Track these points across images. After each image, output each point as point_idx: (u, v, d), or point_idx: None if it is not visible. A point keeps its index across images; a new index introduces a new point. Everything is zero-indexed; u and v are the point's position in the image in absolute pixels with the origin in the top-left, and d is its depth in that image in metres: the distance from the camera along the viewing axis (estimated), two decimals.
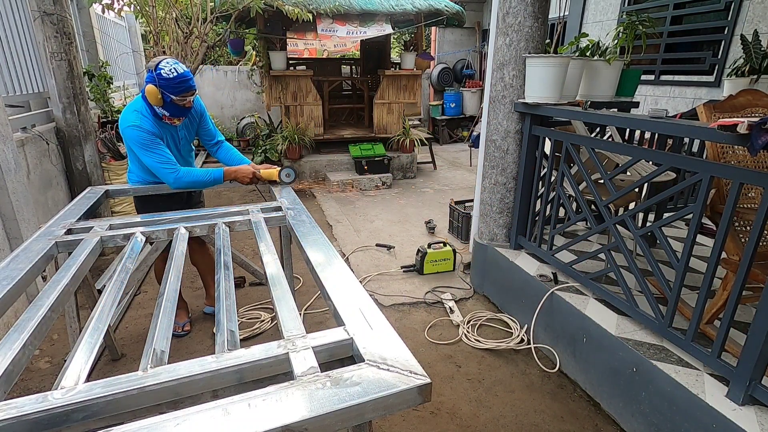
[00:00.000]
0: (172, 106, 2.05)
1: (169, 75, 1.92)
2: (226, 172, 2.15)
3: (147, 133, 2.03)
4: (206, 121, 2.37)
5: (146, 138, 2.02)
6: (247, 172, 2.18)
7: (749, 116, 1.86)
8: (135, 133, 2.02)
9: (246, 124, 8.19)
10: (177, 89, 1.96)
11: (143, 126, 2.03)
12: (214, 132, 2.42)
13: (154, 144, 2.04)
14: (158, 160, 2.06)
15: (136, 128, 2.02)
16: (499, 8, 2.61)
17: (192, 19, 4.28)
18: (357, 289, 1.18)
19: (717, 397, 1.59)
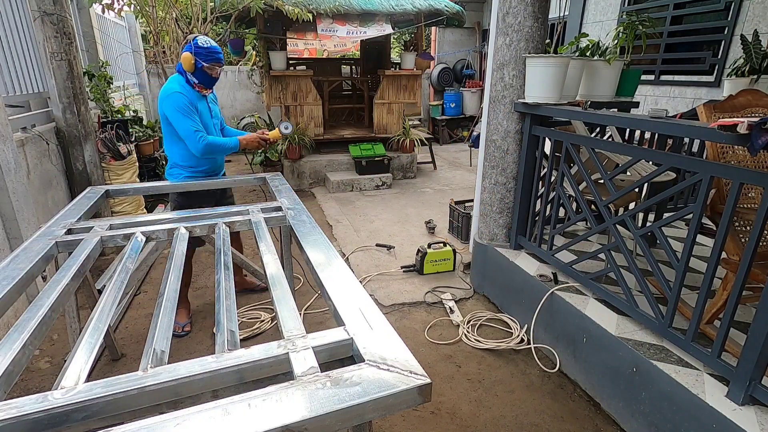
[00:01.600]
0: (201, 74, 2.34)
1: (204, 45, 2.28)
2: (240, 141, 2.49)
3: (187, 99, 2.31)
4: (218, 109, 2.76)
5: (186, 104, 2.30)
6: (253, 137, 2.55)
7: (749, 116, 1.86)
8: (178, 98, 2.29)
9: (246, 124, 8.19)
10: (208, 57, 2.27)
11: (184, 92, 2.32)
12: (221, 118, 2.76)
13: (191, 111, 2.32)
14: (192, 125, 2.32)
15: (178, 94, 2.30)
16: (499, 8, 2.61)
17: (192, 19, 4.28)
18: (357, 289, 1.18)
19: (717, 397, 1.59)
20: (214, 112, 2.52)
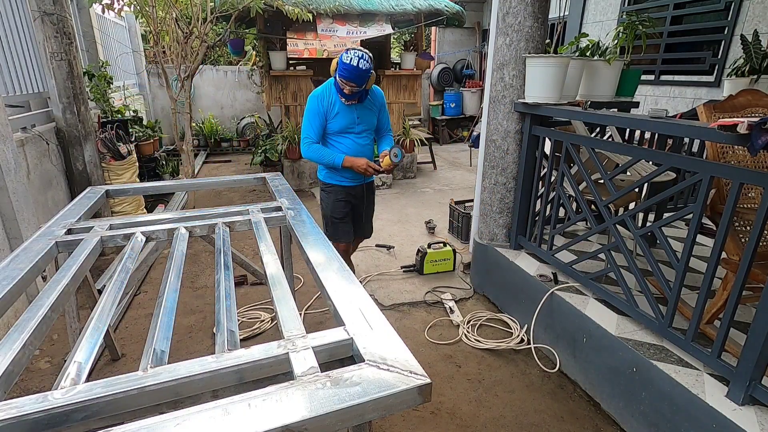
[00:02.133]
0: (336, 83, 2.36)
1: (346, 60, 2.21)
2: (345, 160, 2.41)
3: (315, 104, 2.39)
4: (383, 115, 2.61)
5: (312, 107, 2.40)
6: (361, 162, 2.41)
7: (749, 116, 1.86)
8: (310, 100, 2.42)
9: (246, 124, 8.19)
10: (343, 73, 2.24)
11: (319, 97, 2.39)
12: (385, 126, 2.65)
13: (313, 115, 2.40)
14: (306, 129, 2.42)
15: (313, 97, 2.41)
16: (499, 8, 2.61)
17: (192, 19, 4.27)
18: (357, 289, 1.18)
19: (717, 397, 1.59)
20: (362, 117, 2.45)
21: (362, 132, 2.48)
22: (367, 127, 2.50)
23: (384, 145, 2.59)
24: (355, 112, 2.42)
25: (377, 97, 2.53)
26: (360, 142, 2.49)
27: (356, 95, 2.33)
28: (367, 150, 2.54)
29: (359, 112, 2.44)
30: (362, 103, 2.42)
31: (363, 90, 2.32)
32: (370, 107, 2.49)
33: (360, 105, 2.42)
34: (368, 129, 2.51)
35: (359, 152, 2.48)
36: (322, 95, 2.38)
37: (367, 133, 2.51)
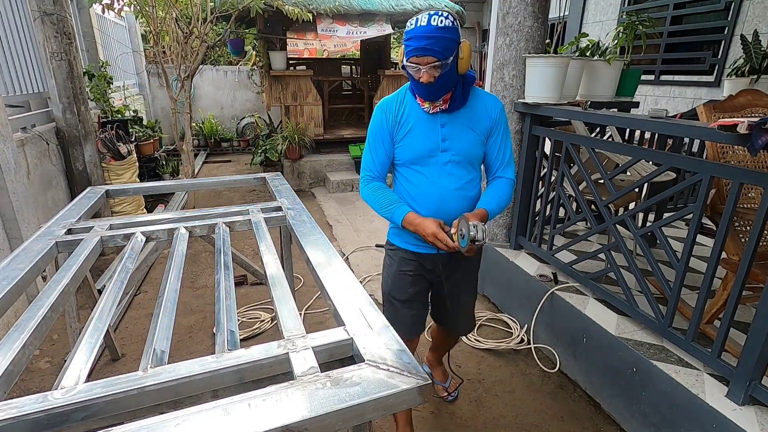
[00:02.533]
0: (410, 77, 1.42)
1: (409, 25, 1.33)
2: (407, 218, 1.48)
3: (378, 119, 1.55)
4: (496, 137, 1.53)
5: (374, 125, 1.57)
6: (430, 229, 1.43)
7: (749, 116, 1.86)
8: (374, 114, 1.58)
9: (246, 124, 8.20)
10: (407, 46, 1.35)
11: (384, 107, 1.55)
12: (499, 160, 1.56)
13: (373, 136, 1.57)
14: (365, 156, 1.61)
15: (377, 109, 1.57)
16: (499, 8, 2.61)
17: (192, 19, 4.27)
18: (357, 289, 1.18)
19: (717, 397, 1.59)
20: (452, 136, 1.47)
21: (450, 162, 1.49)
22: (457, 154, 1.48)
23: (484, 201, 1.54)
24: (441, 127, 1.46)
25: (486, 107, 1.50)
26: (445, 183, 1.49)
27: (440, 90, 1.38)
28: (458, 197, 1.52)
29: (449, 129, 1.46)
30: (456, 112, 1.46)
31: (452, 79, 1.37)
32: (468, 121, 1.48)
33: (452, 115, 1.46)
34: (462, 159, 1.49)
35: (443, 200, 1.51)
36: (389, 104, 1.54)
37: (459, 165, 1.49)
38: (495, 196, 1.53)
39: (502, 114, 1.53)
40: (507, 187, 1.56)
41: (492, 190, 1.55)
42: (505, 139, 1.55)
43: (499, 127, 1.52)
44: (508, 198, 1.56)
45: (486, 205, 1.50)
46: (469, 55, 1.37)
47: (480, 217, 1.44)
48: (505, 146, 1.55)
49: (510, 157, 1.57)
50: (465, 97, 1.47)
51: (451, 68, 1.34)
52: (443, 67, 1.33)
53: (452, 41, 1.32)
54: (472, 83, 1.47)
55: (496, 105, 1.52)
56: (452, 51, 1.32)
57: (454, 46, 1.33)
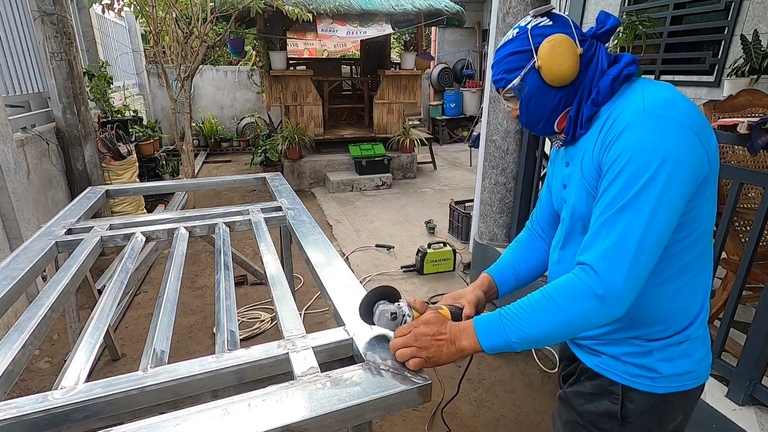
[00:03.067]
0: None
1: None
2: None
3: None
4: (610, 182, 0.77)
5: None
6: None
7: (749, 116, 1.86)
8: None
9: (246, 124, 8.20)
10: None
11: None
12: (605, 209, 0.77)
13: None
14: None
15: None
16: (499, 8, 2.61)
17: (192, 19, 4.27)
18: (357, 289, 1.18)
19: (717, 397, 1.59)
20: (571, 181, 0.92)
21: (564, 223, 0.97)
22: (569, 211, 0.93)
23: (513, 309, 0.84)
24: (566, 166, 0.95)
25: (603, 128, 0.82)
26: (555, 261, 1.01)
27: (535, 121, 0.93)
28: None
29: (571, 170, 0.93)
30: (577, 143, 0.91)
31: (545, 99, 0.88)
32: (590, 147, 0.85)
33: (575, 148, 0.91)
34: (575, 221, 0.92)
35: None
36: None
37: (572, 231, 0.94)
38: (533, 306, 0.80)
39: (629, 137, 0.75)
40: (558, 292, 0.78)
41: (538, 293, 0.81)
42: (630, 182, 0.73)
43: (610, 158, 0.77)
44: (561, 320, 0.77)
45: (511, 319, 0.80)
46: (561, 50, 0.83)
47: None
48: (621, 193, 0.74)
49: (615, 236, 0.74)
50: (588, 119, 0.86)
51: (530, 86, 0.88)
52: (516, 92, 0.90)
53: (513, 55, 0.88)
54: (610, 88, 0.83)
55: (620, 124, 0.77)
56: (517, 66, 0.88)
57: (520, 59, 0.88)
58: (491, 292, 1.07)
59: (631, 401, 0.90)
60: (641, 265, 0.73)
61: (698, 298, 0.88)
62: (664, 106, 0.75)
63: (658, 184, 0.71)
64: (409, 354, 0.84)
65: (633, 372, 0.89)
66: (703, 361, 0.91)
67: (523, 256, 1.12)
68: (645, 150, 0.72)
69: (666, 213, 0.72)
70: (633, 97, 0.81)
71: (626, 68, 0.84)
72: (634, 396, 0.90)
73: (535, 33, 0.87)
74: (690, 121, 0.73)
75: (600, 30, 0.89)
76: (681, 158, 0.71)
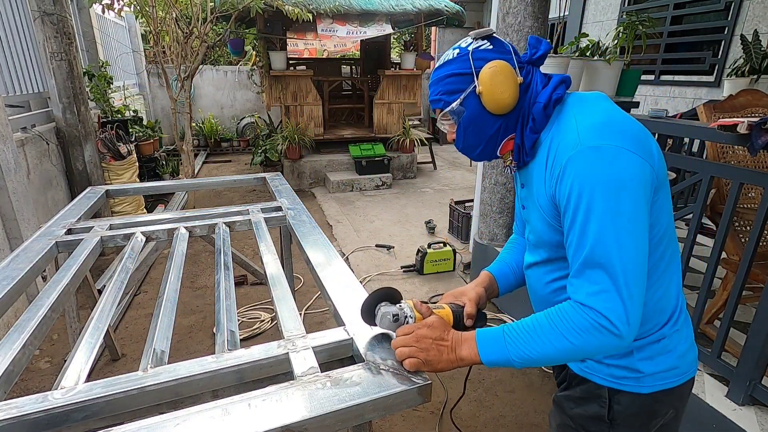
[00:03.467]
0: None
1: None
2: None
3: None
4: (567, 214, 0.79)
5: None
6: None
7: (749, 116, 1.86)
8: None
9: (246, 124, 8.20)
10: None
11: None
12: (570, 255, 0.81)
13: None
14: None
15: None
16: (499, 8, 2.61)
17: (192, 19, 4.28)
18: (357, 289, 1.18)
19: (717, 397, 1.59)
20: (528, 205, 0.95)
21: (530, 243, 1.01)
22: (532, 232, 0.96)
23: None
24: (521, 188, 0.98)
25: (548, 157, 0.84)
26: (530, 275, 1.04)
27: (472, 147, 0.94)
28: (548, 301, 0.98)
29: (527, 192, 0.95)
30: (528, 167, 0.92)
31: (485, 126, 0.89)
32: (538, 175, 0.87)
33: (528, 171, 0.92)
34: (536, 240, 0.95)
35: (534, 301, 1.07)
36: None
37: (538, 250, 0.97)
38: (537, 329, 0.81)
39: (572, 173, 0.76)
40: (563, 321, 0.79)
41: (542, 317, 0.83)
42: (577, 218, 0.77)
43: (562, 196, 0.79)
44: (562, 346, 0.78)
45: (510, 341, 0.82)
46: (501, 78, 0.83)
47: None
48: (579, 233, 0.77)
49: (591, 260, 0.76)
50: (531, 147, 0.87)
51: (469, 111, 0.87)
52: (453, 115, 0.89)
53: (453, 77, 0.86)
54: (543, 114, 0.85)
55: (561, 156, 0.79)
56: (457, 89, 0.86)
57: (459, 81, 0.86)
58: (492, 289, 1.09)
59: (618, 403, 0.91)
60: (637, 291, 0.76)
61: (671, 294, 0.89)
62: (597, 134, 0.76)
63: (613, 211, 0.74)
64: (407, 353, 0.85)
65: (617, 374, 0.90)
66: (686, 356, 0.91)
67: (518, 256, 1.14)
68: (590, 185, 0.74)
69: (635, 233, 0.74)
70: (567, 124, 0.82)
71: (554, 92, 0.85)
72: (621, 398, 0.91)
73: (476, 56, 0.85)
74: (626, 143, 0.75)
75: (534, 55, 0.89)
76: (626, 181, 0.73)
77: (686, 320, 0.93)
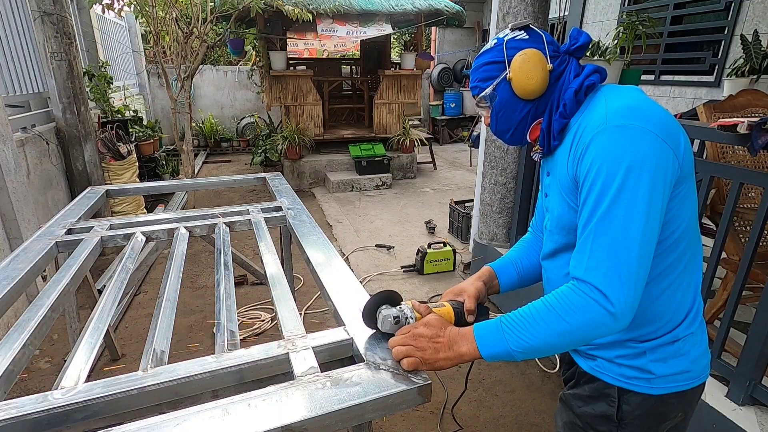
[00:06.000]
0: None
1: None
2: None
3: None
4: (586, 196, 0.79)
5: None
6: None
7: (749, 116, 1.86)
8: None
9: (246, 124, 8.20)
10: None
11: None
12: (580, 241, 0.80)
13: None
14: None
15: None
16: (499, 8, 2.61)
17: (192, 19, 4.28)
18: (357, 289, 1.18)
19: (717, 397, 1.59)
20: (552, 191, 0.95)
21: (547, 229, 0.99)
22: (551, 219, 0.96)
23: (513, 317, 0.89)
24: (547, 175, 1.00)
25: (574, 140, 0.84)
26: (546, 265, 1.03)
27: (504, 131, 0.97)
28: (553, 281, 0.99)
29: (551, 180, 0.96)
30: (554, 152, 0.93)
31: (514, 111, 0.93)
32: (563, 158, 0.88)
33: (553, 159, 0.94)
34: (554, 227, 0.95)
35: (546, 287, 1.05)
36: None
37: (555, 236, 0.96)
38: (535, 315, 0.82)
39: (594, 149, 0.77)
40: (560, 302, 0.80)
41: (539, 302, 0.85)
42: (601, 195, 0.76)
43: (582, 172, 0.80)
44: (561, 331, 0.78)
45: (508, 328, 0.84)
46: (531, 65, 0.87)
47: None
48: (595, 207, 0.77)
49: (595, 236, 0.77)
50: (559, 131, 0.89)
51: (501, 96, 0.92)
52: (488, 101, 0.94)
53: (489, 65, 0.92)
54: (574, 99, 0.86)
55: (586, 135, 0.80)
56: (491, 76, 0.92)
57: (494, 69, 0.92)
58: (492, 284, 1.09)
59: (627, 403, 0.91)
60: (638, 272, 0.75)
61: (688, 296, 0.88)
62: (625, 115, 0.77)
63: (629, 190, 0.73)
64: (404, 352, 0.85)
65: (628, 374, 0.90)
66: (699, 360, 0.90)
67: (527, 255, 1.13)
68: (611, 160, 0.75)
69: (646, 215, 0.74)
70: (597, 107, 0.83)
71: (587, 79, 0.87)
72: (630, 398, 0.90)
73: (510, 45, 0.90)
74: (652, 126, 0.75)
75: (573, 46, 0.92)
76: (647, 162, 0.73)
77: (701, 325, 0.91)
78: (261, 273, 2.62)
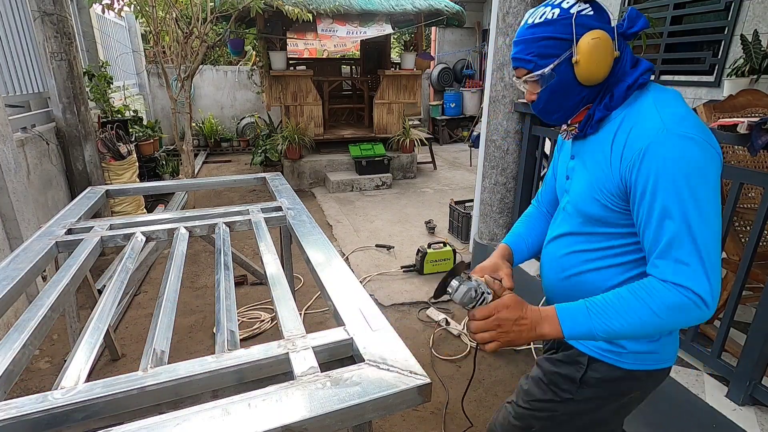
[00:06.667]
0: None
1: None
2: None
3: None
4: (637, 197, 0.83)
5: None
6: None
7: (749, 116, 1.86)
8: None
9: (246, 124, 8.20)
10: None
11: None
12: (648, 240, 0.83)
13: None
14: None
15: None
16: (499, 8, 2.61)
17: (192, 19, 4.27)
18: (357, 289, 1.18)
19: (717, 397, 1.59)
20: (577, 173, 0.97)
21: (564, 210, 1.03)
22: (571, 202, 0.98)
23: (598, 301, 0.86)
24: (571, 158, 1.00)
25: (621, 138, 0.85)
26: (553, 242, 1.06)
27: (552, 111, 0.94)
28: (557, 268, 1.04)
29: (577, 163, 0.98)
30: (587, 139, 0.94)
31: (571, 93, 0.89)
32: (593, 156, 0.92)
33: (585, 143, 0.95)
34: (573, 210, 0.98)
35: (543, 265, 1.11)
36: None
37: (571, 219, 0.99)
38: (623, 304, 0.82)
39: (656, 158, 0.78)
40: (652, 297, 0.80)
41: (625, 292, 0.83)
42: (656, 202, 0.79)
43: (640, 179, 0.80)
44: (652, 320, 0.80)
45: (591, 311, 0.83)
46: (601, 50, 0.82)
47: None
48: (659, 217, 0.79)
49: (677, 241, 0.79)
50: (599, 119, 0.89)
51: (560, 78, 0.86)
52: (542, 79, 0.88)
53: (550, 41, 0.84)
54: (623, 95, 0.86)
55: (640, 140, 0.80)
56: (552, 54, 0.85)
57: (556, 46, 0.84)
58: (510, 261, 1.14)
59: (595, 370, 0.99)
60: (718, 269, 0.81)
61: None
62: (684, 124, 0.79)
63: (704, 197, 0.78)
64: (489, 338, 0.87)
65: (604, 347, 0.98)
66: (667, 345, 0.97)
67: (533, 229, 1.19)
68: (680, 170, 0.77)
69: (716, 218, 0.80)
70: (646, 109, 0.83)
71: (642, 76, 0.86)
72: (599, 366, 0.99)
73: (578, 22, 0.83)
74: (707, 137, 0.79)
75: (630, 29, 0.86)
76: (711, 172, 0.79)
77: None
78: (261, 273, 2.62)
